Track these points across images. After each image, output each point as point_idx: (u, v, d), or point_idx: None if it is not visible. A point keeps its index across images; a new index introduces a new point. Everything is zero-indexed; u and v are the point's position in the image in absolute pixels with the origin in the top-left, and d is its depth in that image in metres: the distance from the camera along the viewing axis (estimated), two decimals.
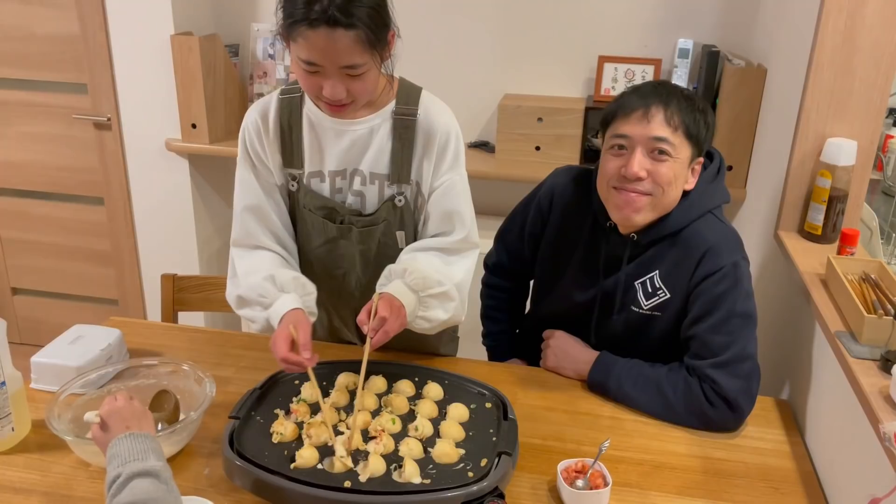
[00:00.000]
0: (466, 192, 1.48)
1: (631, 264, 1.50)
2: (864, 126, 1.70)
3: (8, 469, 1.28)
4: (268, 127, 1.45)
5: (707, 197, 1.46)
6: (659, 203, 1.42)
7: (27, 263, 3.11)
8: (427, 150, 1.43)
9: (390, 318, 1.31)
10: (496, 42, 2.60)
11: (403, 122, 1.42)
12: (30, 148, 2.89)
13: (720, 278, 1.41)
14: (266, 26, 2.69)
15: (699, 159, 1.43)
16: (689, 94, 1.43)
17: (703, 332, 1.42)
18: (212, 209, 2.90)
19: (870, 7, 1.62)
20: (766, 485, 1.31)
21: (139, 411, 1.14)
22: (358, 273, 1.53)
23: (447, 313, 1.43)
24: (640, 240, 1.48)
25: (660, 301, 1.48)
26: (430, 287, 1.39)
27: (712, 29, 2.47)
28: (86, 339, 1.52)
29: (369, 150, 1.44)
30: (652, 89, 1.42)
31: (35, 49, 2.72)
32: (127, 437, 1.06)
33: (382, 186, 1.45)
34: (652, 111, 1.38)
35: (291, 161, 1.46)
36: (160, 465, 1.02)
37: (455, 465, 1.23)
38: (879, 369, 1.22)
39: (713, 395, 1.40)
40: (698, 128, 1.39)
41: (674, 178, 1.39)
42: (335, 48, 1.22)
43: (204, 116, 2.58)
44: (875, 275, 1.46)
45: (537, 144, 2.48)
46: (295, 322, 1.34)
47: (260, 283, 1.41)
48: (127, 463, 1.01)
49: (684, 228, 1.45)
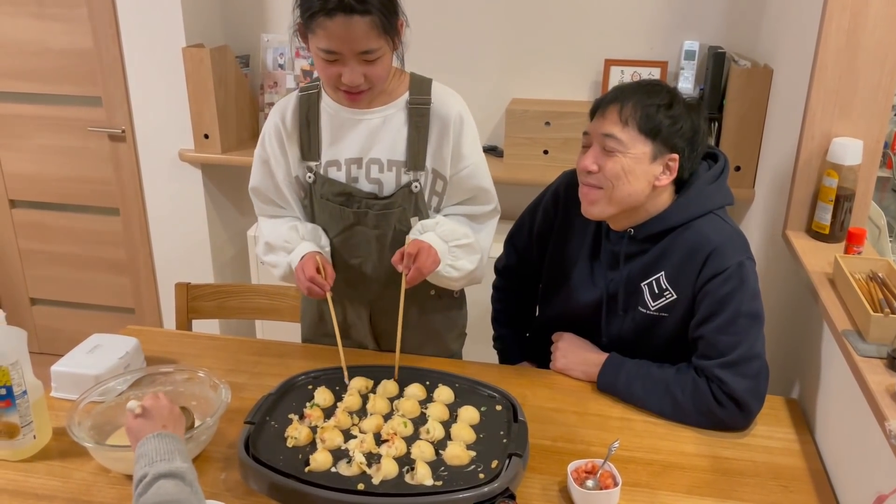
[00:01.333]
0: (487, 168, 1.60)
1: (635, 263, 1.51)
2: (870, 125, 1.71)
3: (30, 476, 1.31)
4: (286, 125, 1.55)
5: (707, 197, 1.47)
6: (614, 196, 1.43)
7: (45, 274, 3.16)
8: (443, 135, 1.52)
9: (421, 255, 1.43)
10: (503, 47, 2.62)
11: (418, 110, 1.51)
12: (46, 160, 2.94)
13: (726, 279, 1.41)
14: (276, 37, 2.72)
15: (672, 155, 1.42)
16: (657, 91, 1.43)
17: (710, 332, 1.43)
18: (225, 218, 2.94)
19: (873, 7, 1.63)
20: (775, 483, 1.31)
21: (177, 414, 1.19)
22: (374, 261, 1.58)
23: (472, 264, 1.56)
24: (637, 234, 1.49)
25: (667, 302, 1.49)
26: (458, 238, 1.53)
27: (718, 30, 2.47)
28: (104, 348, 1.56)
29: (385, 138, 1.52)
30: (620, 88, 1.46)
31: (50, 63, 2.77)
32: (156, 437, 1.09)
33: (399, 173, 1.52)
34: (608, 109, 1.43)
35: (309, 153, 1.55)
36: (185, 466, 1.04)
37: (466, 467, 1.25)
38: (886, 367, 1.23)
39: (721, 395, 1.41)
40: (655, 123, 1.39)
41: (622, 172, 1.41)
42: (352, 34, 1.33)
43: (216, 127, 2.62)
44: (883, 273, 1.47)
45: (545, 148, 2.50)
46: (320, 256, 1.50)
47: (286, 231, 1.56)
48: (154, 463, 1.03)
49: (683, 226, 1.46)
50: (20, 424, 1.31)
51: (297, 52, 2.69)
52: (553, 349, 1.65)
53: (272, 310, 2.00)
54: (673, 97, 1.43)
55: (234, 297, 2.01)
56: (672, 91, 1.45)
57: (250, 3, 2.76)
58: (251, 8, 2.76)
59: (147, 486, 1.00)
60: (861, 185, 1.71)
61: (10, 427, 1.30)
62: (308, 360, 1.67)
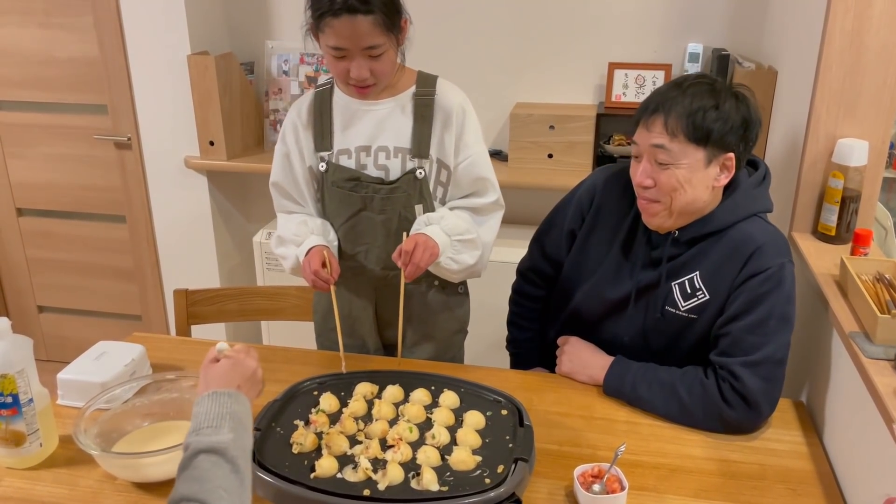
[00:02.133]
0: (489, 160, 1.67)
1: (671, 263, 1.49)
2: (875, 126, 1.70)
3: (37, 484, 1.31)
4: (302, 119, 1.65)
5: (752, 200, 1.46)
6: (674, 207, 1.41)
7: (52, 281, 3.17)
8: (446, 125, 1.60)
9: (417, 251, 1.49)
10: (507, 52, 2.63)
11: (423, 101, 1.60)
12: (53, 168, 2.96)
13: (765, 278, 1.40)
14: (280, 43, 2.73)
15: (727, 154, 1.39)
16: (700, 92, 1.37)
17: (739, 330, 1.41)
18: (231, 224, 2.95)
19: (877, 7, 1.63)
20: (783, 486, 1.31)
21: (259, 379, 1.16)
22: (379, 247, 1.63)
23: (473, 259, 1.63)
24: (681, 237, 1.47)
25: (698, 302, 1.47)
26: (460, 233, 1.59)
27: (722, 32, 2.47)
28: (110, 356, 1.56)
29: (392, 126, 1.61)
30: (661, 94, 1.41)
31: (56, 72, 2.79)
32: (210, 396, 1.04)
33: (405, 160, 1.60)
34: (652, 118, 1.39)
35: (322, 143, 1.64)
36: (229, 438, 0.97)
37: (472, 472, 1.24)
38: (894, 369, 1.22)
39: (732, 394, 1.40)
40: (705, 129, 1.35)
41: (678, 184, 1.39)
42: (357, 32, 1.44)
43: (221, 133, 2.63)
44: (889, 275, 1.46)
45: (550, 152, 2.50)
46: (326, 251, 1.57)
47: (295, 225, 1.65)
48: (200, 430, 0.98)
49: (728, 228, 1.44)
50: (26, 432, 1.31)
51: (301, 59, 2.70)
52: (558, 353, 1.65)
53: (274, 310, 2.01)
54: (717, 94, 1.37)
55: (234, 300, 2.02)
56: (715, 86, 1.39)
57: (254, 11, 2.77)
58: (255, 15, 2.78)
59: (187, 460, 0.95)
60: (867, 187, 1.71)
61: (16, 435, 1.31)
62: (313, 365, 1.67)
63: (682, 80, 1.42)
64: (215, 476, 0.94)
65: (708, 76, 1.44)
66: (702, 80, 1.41)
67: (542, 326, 1.78)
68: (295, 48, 2.71)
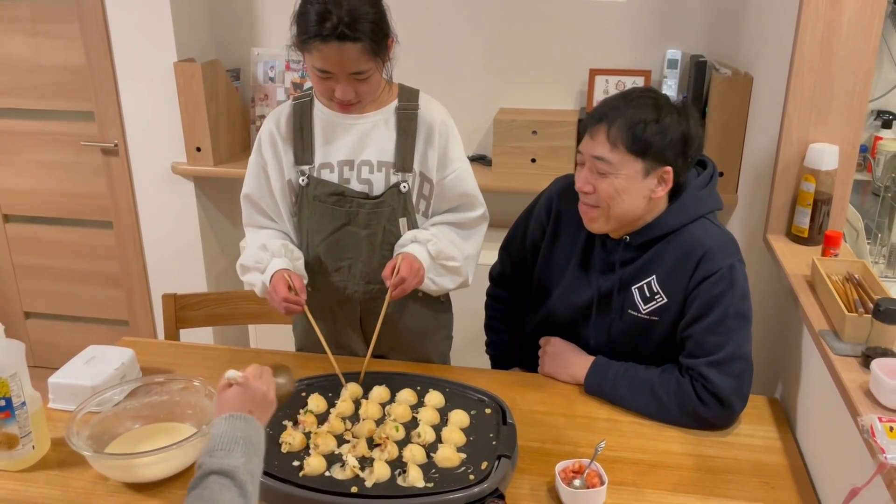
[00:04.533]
0: (473, 175, 1.68)
1: (627, 268, 1.54)
2: (846, 131, 1.75)
3: (30, 486, 1.33)
4: (281, 131, 1.62)
5: (698, 202, 1.51)
6: (611, 214, 1.47)
7: (39, 287, 3.17)
8: (429, 140, 1.60)
9: (409, 278, 1.51)
10: (490, 59, 2.67)
11: (406, 115, 1.60)
12: (40, 175, 2.97)
13: (717, 280, 1.45)
14: (266, 50, 2.76)
15: (664, 168, 1.44)
16: (643, 104, 1.43)
17: (699, 332, 1.47)
18: (218, 229, 2.97)
19: (846, 16, 1.67)
20: (758, 480, 1.35)
21: (270, 401, 1.16)
22: (364, 261, 1.62)
23: (452, 284, 1.66)
24: (633, 241, 1.52)
25: (658, 305, 1.53)
26: (445, 259, 1.60)
27: (700, 39, 2.52)
28: (100, 360, 1.58)
29: (375, 140, 1.60)
30: (607, 104, 1.47)
31: (43, 79, 2.80)
32: (227, 419, 1.06)
33: (388, 174, 1.60)
34: (597, 129, 1.45)
35: (303, 157, 1.61)
36: (240, 462, 1.00)
37: (457, 469, 1.28)
38: (860, 365, 1.27)
39: (705, 394, 1.44)
40: (644, 142, 1.41)
41: (615, 192, 1.45)
42: (344, 59, 1.43)
43: (208, 140, 2.65)
44: (858, 275, 1.51)
45: (533, 157, 2.54)
46: (287, 273, 1.54)
47: (255, 251, 1.61)
48: (214, 451, 1.01)
49: (676, 231, 1.50)
50: (19, 435, 1.33)
51: (287, 65, 2.73)
52: (541, 353, 1.69)
53: (262, 314, 2.03)
54: (660, 109, 1.43)
55: (222, 304, 2.04)
56: (659, 101, 1.45)
57: (240, 18, 2.79)
58: (241, 22, 2.80)
59: (198, 480, 0.98)
60: (838, 190, 1.76)
61: (9, 438, 1.33)
62: (300, 367, 1.69)
63: (630, 93, 1.49)
64: (222, 499, 0.97)
65: (654, 91, 1.51)
66: (647, 94, 1.48)
67: (518, 329, 1.83)
68: (281, 55, 2.73)
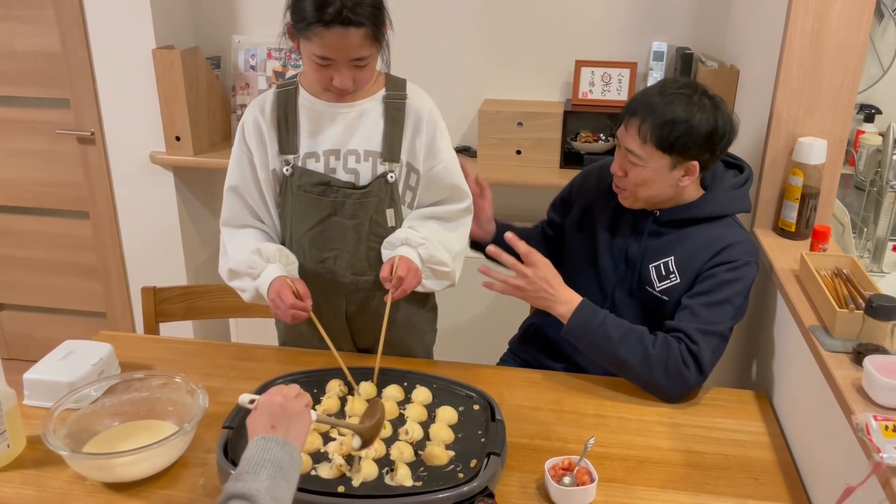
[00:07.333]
0: (459, 166, 1.67)
1: (652, 242, 1.63)
2: (834, 125, 1.75)
3: (5, 486, 1.30)
4: (265, 119, 1.57)
5: (730, 200, 1.62)
6: (639, 196, 1.59)
7: (14, 279, 3.11)
8: (417, 129, 1.58)
9: (408, 278, 1.51)
10: (476, 49, 2.64)
11: (394, 104, 1.57)
12: (14, 164, 2.90)
13: (731, 269, 1.54)
14: (247, 38, 2.71)
15: (691, 163, 1.53)
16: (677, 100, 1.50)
17: (698, 304, 1.54)
18: (198, 220, 2.92)
19: (835, 9, 1.67)
20: (746, 476, 1.35)
21: (294, 412, 1.11)
22: (349, 254, 1.60)
23: (438, 287, 1.65)
24: (662, 217, 1.62)
25: (671, 285, 1.60)
26: (436, 263, 1.59)
27: (686, 31, 2.51)
28: (77, 355, 1.54)
29: (362, 130, 1.57)
30: (643, 99, 1.54)
31: (17, 65, 2.73)
32: (259, 440, 1.05)
33: (376, 163, 1.57)
34: (630, 122, 1.55)
35: (287, 146, 1.57)
36: (264, 486, 0.98)
37: (445, 467, 1.26)
38: (852, 362, 1.26)
39: (688, 356, 1.50)
40: (671, 140, 1.50)
41: (643, 181, 1.57)
42: (348, 44, 1.40)
43: (188, 129, 2.60)
44: (847, 270, 1.51)
45: (518, 148, 2.52)
46: (289, 279, 1.51)
47: (248, 256, 1.55)
48: (241, 475, 0.99)
49: (704, 222, 1.60)
50: None
51: (269, 54, 2.68)
52: (518, 270, 1.58)
53: (243, 307, 1.98)
54: (692, 106, 1.50)
55: (203, 297, 2.00)
56: (692, 97, 1.50)
57: (221, 5, 2.74)
58: (222, 9, 2.75)
59: (222, 502, 0.97)
60: (825, 184, 1.76)
61: None
62: (284, 363, 1.67)
63: (666, 87, 1.55)
64: None
65: (690, 85, 1.55)
66: (682, 90, 1.53)
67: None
68: (262, 43, 2.68)
